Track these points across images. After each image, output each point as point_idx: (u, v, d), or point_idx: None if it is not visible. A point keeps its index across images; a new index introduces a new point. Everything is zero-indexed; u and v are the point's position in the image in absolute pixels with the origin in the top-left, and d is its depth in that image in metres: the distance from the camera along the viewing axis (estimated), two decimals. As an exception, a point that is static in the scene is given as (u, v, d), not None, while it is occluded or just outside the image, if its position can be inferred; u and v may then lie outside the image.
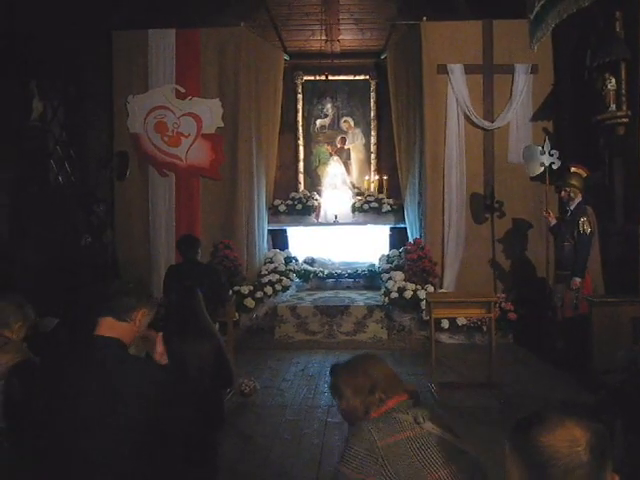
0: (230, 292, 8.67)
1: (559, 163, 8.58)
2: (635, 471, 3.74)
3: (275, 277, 10.32)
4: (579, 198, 7.93)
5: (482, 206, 9.91)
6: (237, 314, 9.15)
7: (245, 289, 9.66)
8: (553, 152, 8.62)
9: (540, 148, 8.80)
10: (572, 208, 7.95)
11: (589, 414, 1.56)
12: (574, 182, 7.93)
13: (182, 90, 10.07)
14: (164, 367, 3.06)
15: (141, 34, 10.05)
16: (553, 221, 8.30)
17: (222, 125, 10.08)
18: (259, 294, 9.82)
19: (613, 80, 8.06)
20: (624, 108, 8.00)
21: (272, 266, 10.65)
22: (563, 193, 8.04)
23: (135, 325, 2.88)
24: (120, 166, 9.41)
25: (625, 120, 8.02)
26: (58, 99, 9.09)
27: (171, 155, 10.11)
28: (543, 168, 8.67)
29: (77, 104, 9.62)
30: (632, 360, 4.18)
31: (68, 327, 6.16)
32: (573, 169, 8.08)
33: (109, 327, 2.79)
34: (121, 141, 10.11)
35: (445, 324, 9.11)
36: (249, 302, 9.56)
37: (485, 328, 8.87)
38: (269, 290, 10.00)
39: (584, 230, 7.66)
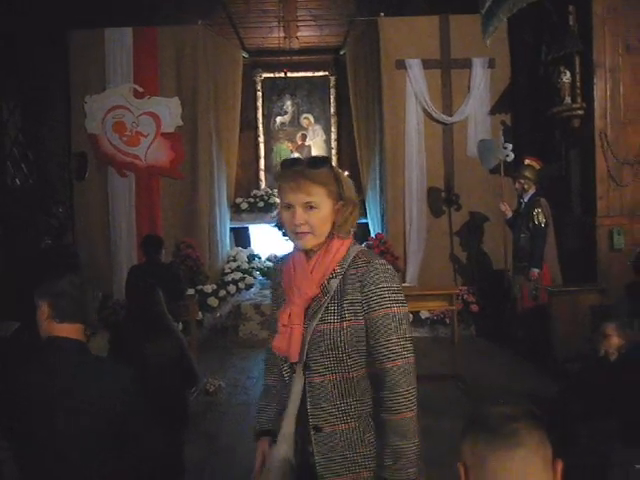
0: (187, 290, 8.63)
1: (513, 156, 8.71)
2: (596, 456, 3.81)
3: (238, 275, 10.30)
4: (533, 190, 8.04)
5: (440, 199, 10.00)
6: (201, 313, 9.12)
7: (208, 288, 9.62)
8: (507, 145, 8.74)
9: (494, 142, 8.93)
10: (526, 200, 8.07)
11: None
12: (528, 174, 8.04)
13: (140, 89, 9.97)
14: (127, 367, 3.04)
15: (97, 33, 9.93)
16: (509, 213, 8.40)
17: (181, 124, 10.02)
18: (222, 293, 9.79)
19: (568, 73, 8.16)
20: (579, 100, 8.12)
21: (235, 264, 10.63)
22: (517, 185, 8.15)
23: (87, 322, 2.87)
24: (79, 167, 9.31)
25: (580, 112, 8.14)
26: (14, 100, 8.96)
27: (130, 155, 10.02)
28: (498, 161, 8.79)
29: (34, 105, 9.49)
30: (592, 348, 4.25)
31: (29, 331, 6.09)
32: (527, 161, 8.19)
33: (65, 329, 2.75)
34: (79, 142, 9.99)
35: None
36: (212, 301, 9.52)
37: (448, 321, 8.94)
38: (232, 289, 9.98)
39: (539, 221, 7.77)
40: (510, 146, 8.75)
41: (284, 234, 2.41)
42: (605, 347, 3.97)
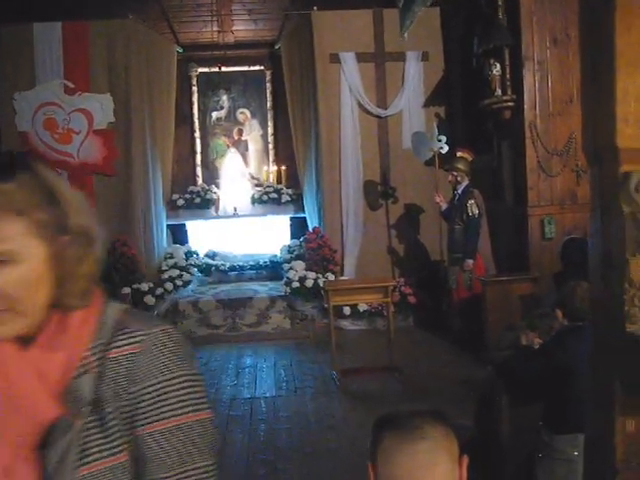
0: (122, 289, 8.52)
1: (447, 148, 8.79)
2: (519, 443, 3.88)
3: (175, 272, 10.17)
4: (466, 181, 8.14)
5: (377, 192, 10.05)
6: (137, 312, 8.97)
7: (145, 286, 9.47)
8: (440, 137, 8.82)
9: (427, 134, 9.02)
10: (459, 192, 8.16)
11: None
12: (460, 166, 8.14)
13: (71, 85, 9.77)
14: None
15: (25, 28, 9.67)
16: (444, 205, 8.49)
17: (114, 120, 9.85)
18: (159, 291, 9.65)
19: (498, 65, 8.27)
20: (509, 92, 8.23)
21: (172, 261, 10.49)
22: (450, 177, 8.24)
23: None
24: (7, 166, 9.07)
25: (510, 104, 8.25)
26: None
27: (62, 153, 9.81)
28: (432, 153, 8.88)
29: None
30: (515, 338, 4.32)
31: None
32: (459, 153, 8.29)
33: None
34: (9, 140, 9.71)
35: (347, 311, 9.19)
36: (149, 299, 9.38)
37: (386, 313, 9.00)
38: (169, 286, 9.84)
39: (472, 213, 7.87)
40: (444, 138, 8.84)
41: None
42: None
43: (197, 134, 12.10)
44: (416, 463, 1.55)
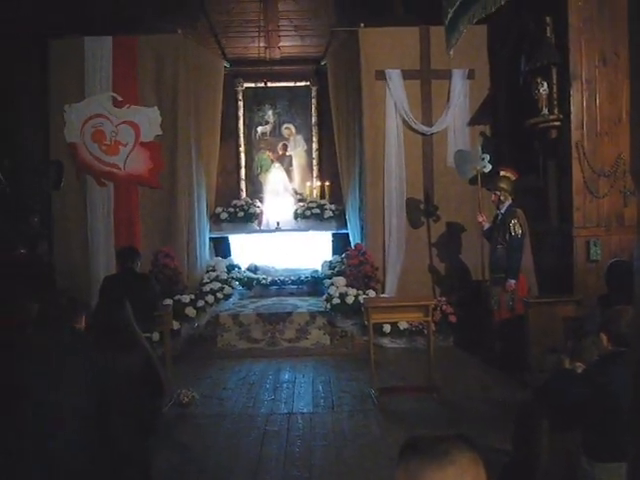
0: (163, 300, 8.57)
1: (490, 167, 8.71)
2: (558, 468, 3.79)
3: (217, 285, 10.22)
4: (509, 201, 8.05)
5: (419, 210, 10.00)
6: (178, 324, 9.05)
7: (186, 298, 9.53)
8: (484, 156, 8.74)
9: (471, 152, 8.94)
10: (502, 211, 8.07)
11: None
12: (503, 185, 8.05)
13: (119, 98, 9.93)
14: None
15: (77, 41, 9.89)
16: (486, 225, 8.41)
17: (161, 133, 9.98)
18: (201, 303, 9.69)
19: (545, 84, 8.20)
20: (556, 112, 8.15)
21: (214, 274, 10.56)
22: (493, 197, 8.15)
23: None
24: (54, 176, 9.24)
25: (557, 123, 8.16)
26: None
27: (109, 164, 9.97)
28: (475, 172, 8.80)
29: (10, 113, 9.43)
30: (558, 361, 4.24)
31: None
32: (502, 172, 8.20)
33: None
34: (58, 150, 9.90)
35: (387, 328, 9.13)
36: (190, 311, 9.42)
37: (426, 331, 8.93)
38: (211, 299, 9.88)
39: (515, 232, 7.77)
40: (487, 157, 8.76)
41: None
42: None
43: (242, 148, 12.21)
44: None
